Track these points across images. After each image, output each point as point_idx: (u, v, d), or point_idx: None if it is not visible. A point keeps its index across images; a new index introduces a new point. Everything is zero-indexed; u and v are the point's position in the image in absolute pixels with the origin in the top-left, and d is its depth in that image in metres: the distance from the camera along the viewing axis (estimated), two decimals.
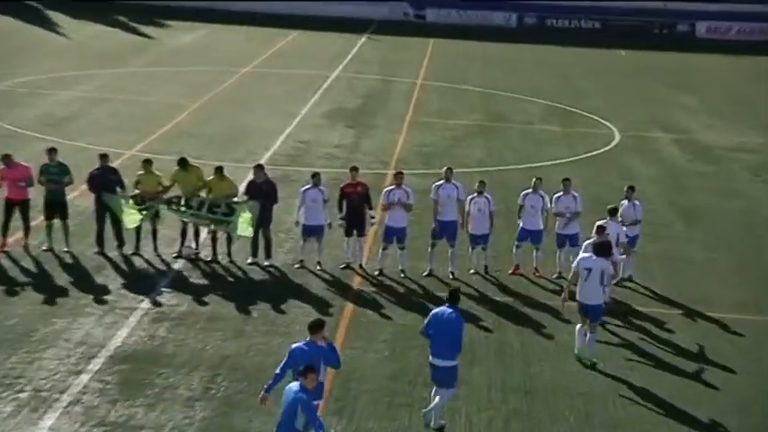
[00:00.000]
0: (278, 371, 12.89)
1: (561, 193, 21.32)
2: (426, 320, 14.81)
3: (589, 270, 17.07)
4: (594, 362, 17.07)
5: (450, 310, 14.67)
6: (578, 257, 17.83)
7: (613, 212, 19.95)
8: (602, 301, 17.42)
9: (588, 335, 17.11)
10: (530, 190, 21.33)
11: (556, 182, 22.38)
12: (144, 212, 20.79)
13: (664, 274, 21.66)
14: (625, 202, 21.12)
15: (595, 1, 71.14)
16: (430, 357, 14.78)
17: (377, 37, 60.92)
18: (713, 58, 60.25)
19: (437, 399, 14.64)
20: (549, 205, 21.22)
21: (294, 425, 11.79)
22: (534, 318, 19.23)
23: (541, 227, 21.29)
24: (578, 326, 17.31)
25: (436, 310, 14.94)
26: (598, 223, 18.64)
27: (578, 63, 55.29)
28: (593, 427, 15.27)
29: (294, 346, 12.98)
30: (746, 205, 27.73)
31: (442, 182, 21.25)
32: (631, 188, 21.52)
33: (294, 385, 12.02)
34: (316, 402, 12.37)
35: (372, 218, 21.37)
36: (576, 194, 21.34)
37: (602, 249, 17.35)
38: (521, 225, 21.33)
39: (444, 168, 22.00)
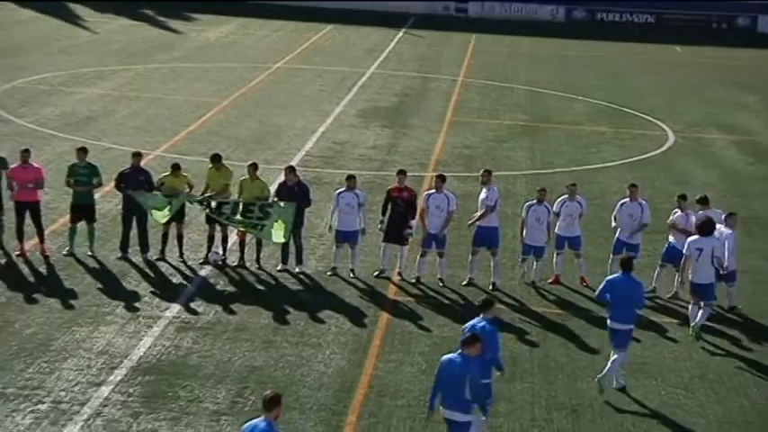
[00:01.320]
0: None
1: (627, 199, 21.05)
2: (600, 287, 16.81)
3: (700, 250, 18.60)
4: (699, 334, 18.37)
5: (623, 277, 16.57)
6: (687, 241, 18.96)
7: (704, 201, 20.68)
8: (713, 281, 18.90)
9: (700, 313, 18.51)
10: (566, 196, 21.28)
11: (605, 186, 22.46)
12: (171, 204, 20.81)
13: (722, 286, 21.48)
14: (678, 211, 20.95)
15: None
16: (609, 322, 16.58)
17: (415, 32, 60.89)
18: None
19: (613, 360, 16.41)
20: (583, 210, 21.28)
21: (464, 395, 12.80)
22: (579, 331, 19.12)
23: (578, 233, 21.16)
24: (691, 305, 18.88)
25: (610, 277, 17.13)
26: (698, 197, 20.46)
27: (630, 60, 55.06)
28: None
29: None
30: None
31: (492, 186, 21.16)
32: (683, 197, 21.21)
33: (456, 357, 12.94)
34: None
35: (410, 228, 21.23)
36: (642, 202, 21.08)
37: (705, 228, 18.79)
38: (555, 233, 21.25)
39: (481, 171, 21.86)
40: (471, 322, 14.52)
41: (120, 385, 15.95)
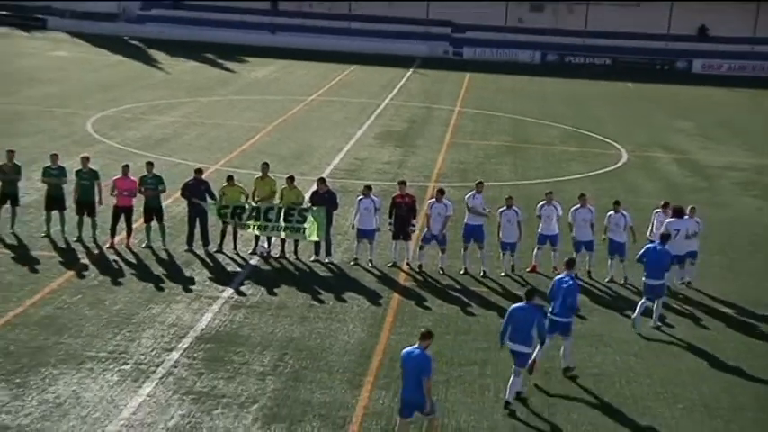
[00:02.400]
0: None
1: (579, 206, 20.89)
2: (641, 252, 18.49)
3: (677, 230, 19.79)
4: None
5: (660, 247, 18.26)
6: (666, 223, 19.99)
7: (666, 206, 20.97)
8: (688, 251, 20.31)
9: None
10: (544, 202, 21.13)
11: (572, 194, 22.31)
12: (227, 220, 21.01)
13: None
14: (612, 212, 20.82)
15: (607, 40, 70.85)
16: (644, 279, 18.33)
17: (421, 71, 60.93)
18: (707, 90, 59.57)
19: (656, 307, 18.24)
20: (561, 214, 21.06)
21: (530, 333, 14.46)
22: None
23: (556, 231, 20.97)
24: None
25: (649, 245, 18.68)
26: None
27: (592, 94, 54.97)
28: (605, 401, 15.14)
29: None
30: (735, 215, 27.40)
31: (472, 193, 21.20)
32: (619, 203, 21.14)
33: (525, 305, 14.55)
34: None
35: (413, 226, 21.30)
36: (591, 208, 20.92)
37: (680, 212, 20.25)
38: (537, 231, 21.12)
39: (476, 182, 21.92)
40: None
41: (186, 351, 16.04)
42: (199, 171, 21.98)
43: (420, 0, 73.20)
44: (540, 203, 21.22)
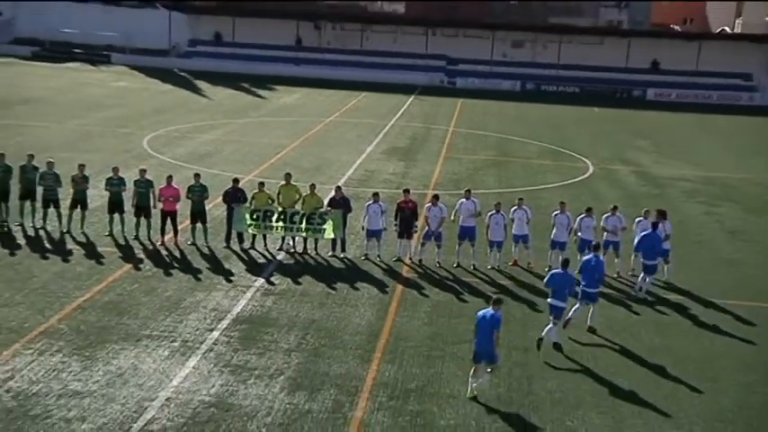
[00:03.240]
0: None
1: (558, 211, 20.78)
2: (637, 240, 19.75)
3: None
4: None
5: (652, 233, 19.35)
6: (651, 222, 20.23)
7: (647, 213, 21.05)
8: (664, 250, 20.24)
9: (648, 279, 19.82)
10: (516, 206, 21.07)
11: (549, 201, 22.26)
12: (257, 227, 21.02)
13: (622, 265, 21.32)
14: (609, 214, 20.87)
15: (575, 71, 70.71)
16: (643, 260, 19.42)
17: (421, 97, 60.88)
18: (659, 114, 59.45)
19: (645, 279, 19.37)
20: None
21: (566, 293, 16.08)
22: (530, 296, 19.06)
23: (526, 232, 20.84)
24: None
25: (644, 233, 19.68)
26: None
27: (564, 116, 54.83)
28: (575, 372, 15.15)
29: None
30: (683, 218, 27.21)
31: (463, 199, 21.17)
32: (615, 207, 21.15)
33: (562, 272, 16.12)
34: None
35: (415, 227, 21.29)
36: (568, 213, 20.77)
37: (664, 215, 20.60)
38: (512, 232, 20.99)
39: (465, 189, 21.94)
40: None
41: (224, 331, 16.07)
42: (236, 180, 22.05)
43: (420, 36, 73.46)
44: (513, 207, 21.22)
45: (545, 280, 16.74)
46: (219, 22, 74.29)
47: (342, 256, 21.07)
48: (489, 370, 14.02)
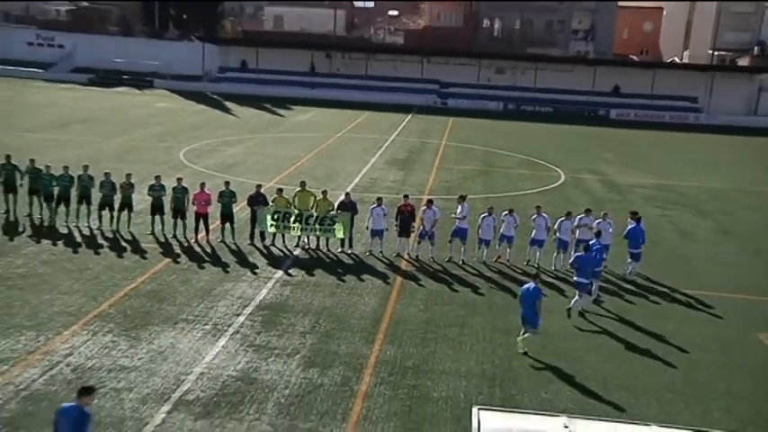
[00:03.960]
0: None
1: (536, 214, 20.75)
2: (626, 231, 20.03)
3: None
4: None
5: (636, 227, 20.05)
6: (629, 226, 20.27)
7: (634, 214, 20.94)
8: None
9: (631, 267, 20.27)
10: (507, 212, 20.96)
11: (527, 204, 22.20)
12: (277, 227, 20.98)
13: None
14: (586, 217, 20.80)
15: (550, 94, 70.47)
16: (629, 249, 20.05)
17: (418, 115, 60.81)
18: (620, 131, 59.22)
19: (632, 264, 19.92)
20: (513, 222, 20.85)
21: (590, 270, 16.84)
22: (512, 286, 18.98)
23: (512, 234, 20.68)
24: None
25: (631, 228, 20.01)
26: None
27: (540, 133, 54.73)
28: (549, 351, 15.11)
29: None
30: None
31: (459, 206, 21.01)
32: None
33: (586, 254, 17.13)
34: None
35: (412, 227, 21.22)
36: (544, 215, 20.71)
37: (638, 217, 20.59)
38: (500, 232, 20.88)
39: (458, 196, 21.84)
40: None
41: (249, 316, 16.04)
42: (259, 186, 21.99)
43: (416, 63, 73.34)
44: (504, 213, 21.03)
45: (570, 261, 17.98)
46: (245, 51, 74.32)
47: (349, 252, 21.03)
48: (530, 333, 14.78)
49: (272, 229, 21.08)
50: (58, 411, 9.19)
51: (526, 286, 14.95)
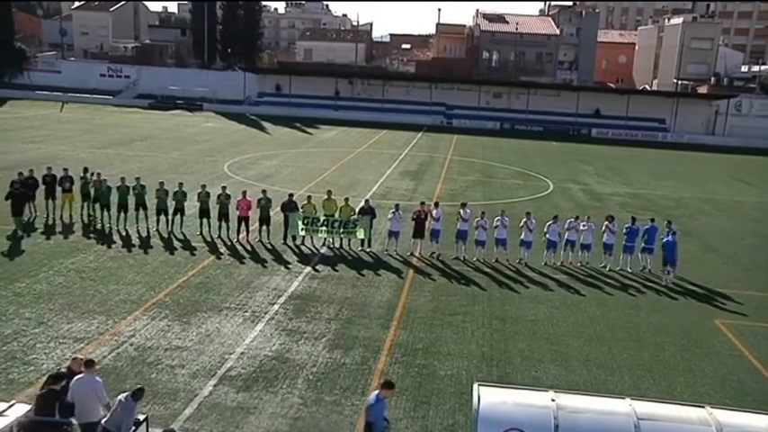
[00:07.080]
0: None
1: (526, 219, 20.56)
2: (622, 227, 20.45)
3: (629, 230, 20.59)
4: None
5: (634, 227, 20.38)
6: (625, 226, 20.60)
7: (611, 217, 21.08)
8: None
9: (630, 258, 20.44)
10: (499, 216, 20.77)
11: (520, 210, 22.04)
12: (306, 231, 21.00)
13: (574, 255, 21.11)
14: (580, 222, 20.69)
15: (539, 115, 70.04)
16: (625, 242, 20.31)
17: (427, 133, 60.70)
18: (600, 147, 58.65)
19: (633, 256, 20.11)
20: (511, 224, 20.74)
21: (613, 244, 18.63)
22: (508, 281, 18.89)
23: (504, 236, 20.44)
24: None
25: (625, 225, 20.52)
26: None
27: (531, 148, 54.40)
28: (538, 336, 14.99)
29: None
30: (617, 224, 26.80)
31: (461, 209, 20.96)
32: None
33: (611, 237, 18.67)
34: None
35: (425, 230, 21.12)
36: (533, 220, 20.54)
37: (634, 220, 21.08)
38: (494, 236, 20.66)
39: (460, 203, 21.75)
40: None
41: (282, 305, 16.04)
42: (291, 195, 22.03)
43: (425, 89, 73.28)
44: (497, 217, 20.92)
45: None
46: (280, 79, 74.68)
47: (369, 250, 21.00)
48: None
49: (302, 232, 21.07)
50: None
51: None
